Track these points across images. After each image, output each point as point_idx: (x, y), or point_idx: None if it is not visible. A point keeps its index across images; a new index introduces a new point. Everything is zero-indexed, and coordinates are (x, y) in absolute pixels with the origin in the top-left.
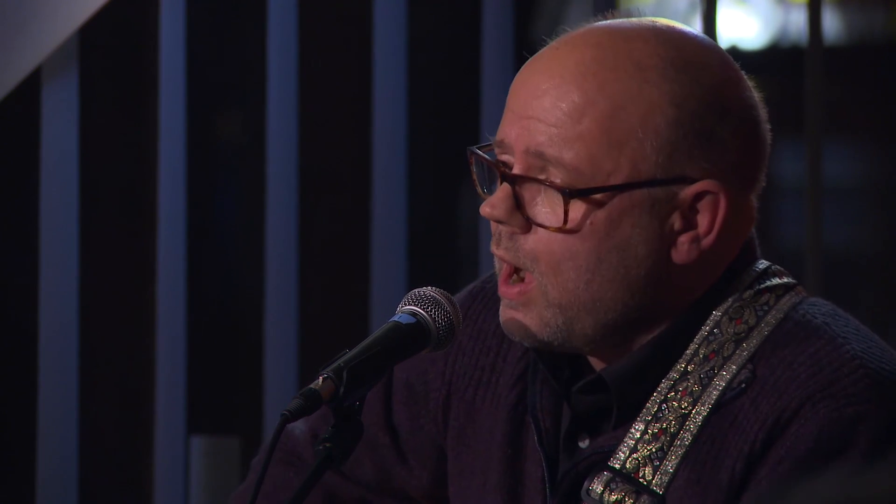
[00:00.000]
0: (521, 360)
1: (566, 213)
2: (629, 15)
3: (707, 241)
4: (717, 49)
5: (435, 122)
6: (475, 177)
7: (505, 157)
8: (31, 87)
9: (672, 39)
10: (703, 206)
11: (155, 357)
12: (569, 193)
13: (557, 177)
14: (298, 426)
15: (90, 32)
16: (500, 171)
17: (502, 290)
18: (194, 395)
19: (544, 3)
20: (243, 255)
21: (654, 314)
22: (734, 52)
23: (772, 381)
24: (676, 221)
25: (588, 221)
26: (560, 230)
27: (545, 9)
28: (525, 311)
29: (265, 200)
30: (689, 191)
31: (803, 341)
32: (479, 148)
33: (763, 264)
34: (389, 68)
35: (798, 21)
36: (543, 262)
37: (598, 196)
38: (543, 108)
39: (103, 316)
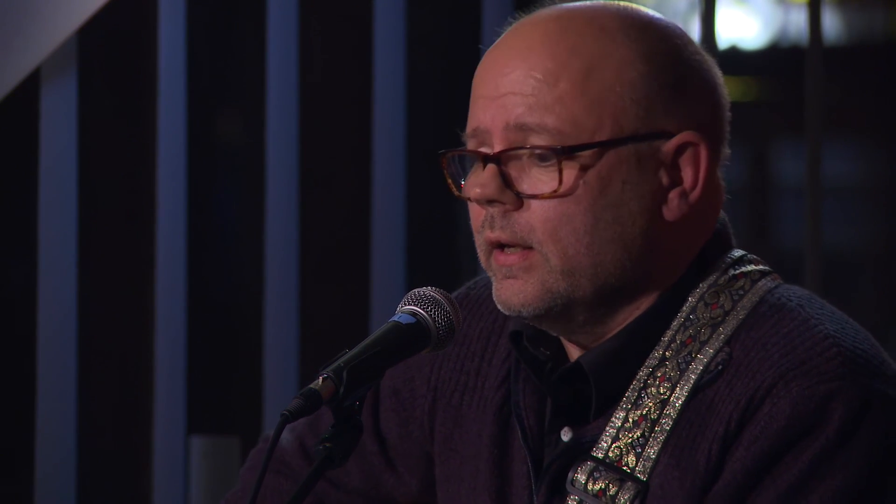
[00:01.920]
0: (505, 362)
1: (560, 173)
2: None
3: (695, 195)
4: (666, 19)
5: (435, 122)
6: (449, 178)
7: (483, 149)
8: (30, 88)
9: (625, 9)
10: (685, 160)
11: (155, 357)
12: (561, 151)
13: (542, 143)
14: (285, 435)
15: (89, 33)
16: (481, 156)
17: (501, 259)
18: (194, 395)
19: (544, 4)
20: (243, 255)
21: (645, 284)
22: (734, 52)
23: (746, 362)
24: (664, 177)
25: (581, 182)
26: (554, 195)
27: None
28: (527, 276)
29: (265, 200)
30: (670, 145)
31: (777, 322)
32: (451, 149)
33: (738, 252)
34: (389, 68)
35: (798, 21)
36: (541, 232)
37: (587, 154)
38: (516, 82)
39: (102, 316)
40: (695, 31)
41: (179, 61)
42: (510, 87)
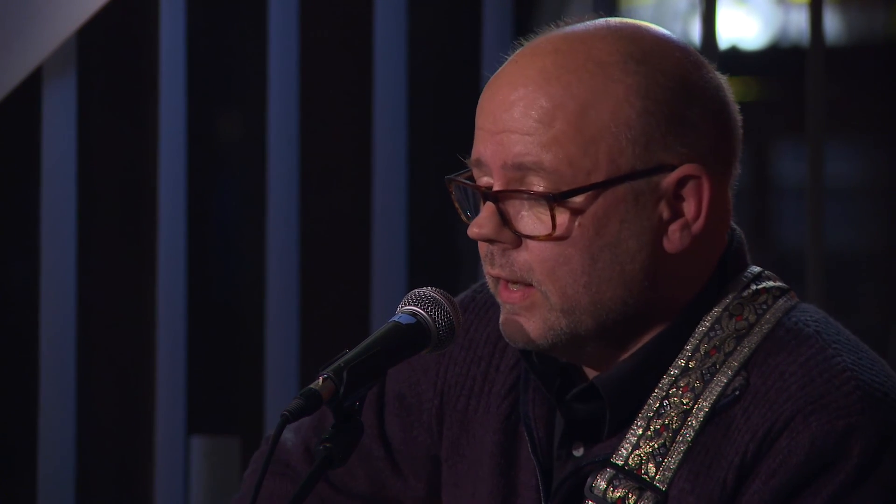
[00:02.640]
0: (513, 370)
1: (553, 218)
2: (629, 16)
3: (697, 226)
4: (673, 38)
5: (435, 122)
6: (456, 203)
7: (484, 180)
8: (31, 88)
9: (628, 34)
10: (688, 191)
11: (155, 357)
12: (553, 198)
13: (539, 184)
14: (290, 438)
15: (90, 33)
16: (481, 192)
17: (504, 295)
18: (194, 395)
19: (544, 4)
20: (243, 254)
21: (652, 313)
22: (734, 52)
23: (763, 391)
24: (664, 211)
25: (576, 224)
26: (549, 238)
27: (545, 9)
28: (528, 314)
29: (265, 200)
30: (670, 178)
31: (795, 350)
32: (456, 174)
33: (756, 269)
34: (389, 68)
35: (798, 21)
36: (539, 271)
37: (581, 197)
38: (514, 120)
39: (103, 316)
40: (695, 31)
41: (179, 61)
42: (508, 124)
